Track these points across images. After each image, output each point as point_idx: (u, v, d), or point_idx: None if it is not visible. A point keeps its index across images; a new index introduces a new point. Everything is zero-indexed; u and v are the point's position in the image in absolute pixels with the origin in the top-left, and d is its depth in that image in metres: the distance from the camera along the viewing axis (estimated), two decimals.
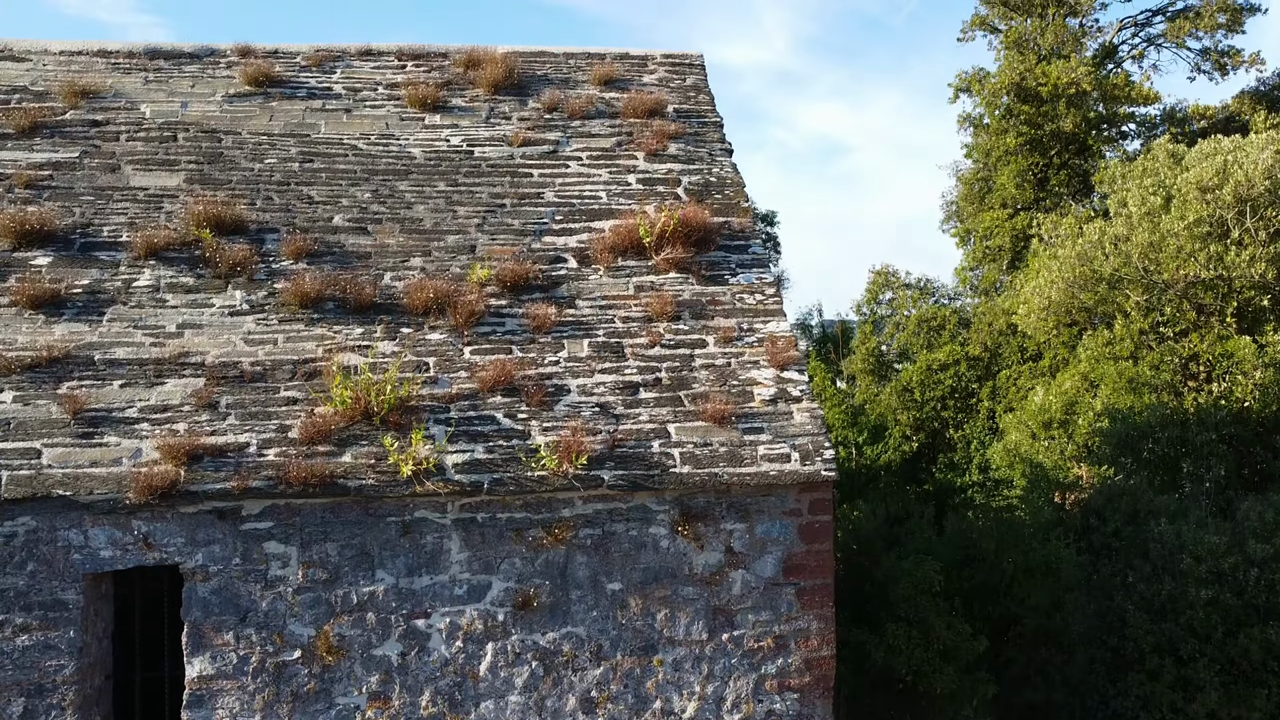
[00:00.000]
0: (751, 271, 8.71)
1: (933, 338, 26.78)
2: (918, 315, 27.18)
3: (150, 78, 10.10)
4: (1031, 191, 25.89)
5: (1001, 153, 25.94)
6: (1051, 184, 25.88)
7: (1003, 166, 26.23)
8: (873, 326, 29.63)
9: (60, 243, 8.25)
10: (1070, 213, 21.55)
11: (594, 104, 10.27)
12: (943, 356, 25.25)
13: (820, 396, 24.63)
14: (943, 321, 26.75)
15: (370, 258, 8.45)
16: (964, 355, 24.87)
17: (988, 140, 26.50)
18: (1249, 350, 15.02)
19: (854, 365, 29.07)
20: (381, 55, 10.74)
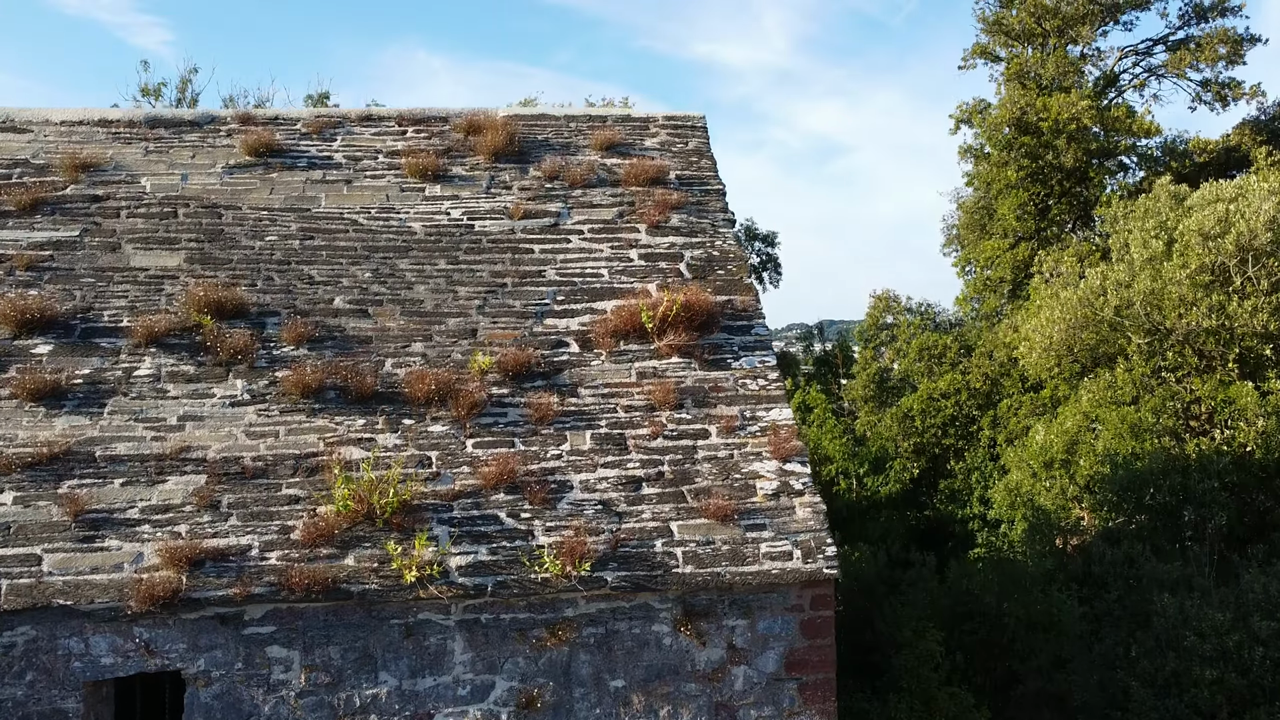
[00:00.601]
0: (754, 355, 8.68)
1: (933, 365, 26.77)
2: (918, 343, 27.16)
3: (151, 148, 10.07)
4: (1032, 222, 25.89)
5: (1002, 186, 25.93)
6: (1053, 213, 25.88)
7: (1003, 199, 26.22)
8: (873, 352, 29.65)
9: (61, 329, 8.22)
10: (1071, 245, 21.53)
11: (595, 171, 10.24)
12: (943, 385, 25.24)
13: (822, 427, 24.62)
14: (943, 350, 26.74)
15: (371, 342, 8.43)
16: (965, 384, 24.87)
17: (989, 170, 26.50)
18: (1251, 398, 15.01)
19: (854, 391, 29.08)
20: (382, 121, 10.71)
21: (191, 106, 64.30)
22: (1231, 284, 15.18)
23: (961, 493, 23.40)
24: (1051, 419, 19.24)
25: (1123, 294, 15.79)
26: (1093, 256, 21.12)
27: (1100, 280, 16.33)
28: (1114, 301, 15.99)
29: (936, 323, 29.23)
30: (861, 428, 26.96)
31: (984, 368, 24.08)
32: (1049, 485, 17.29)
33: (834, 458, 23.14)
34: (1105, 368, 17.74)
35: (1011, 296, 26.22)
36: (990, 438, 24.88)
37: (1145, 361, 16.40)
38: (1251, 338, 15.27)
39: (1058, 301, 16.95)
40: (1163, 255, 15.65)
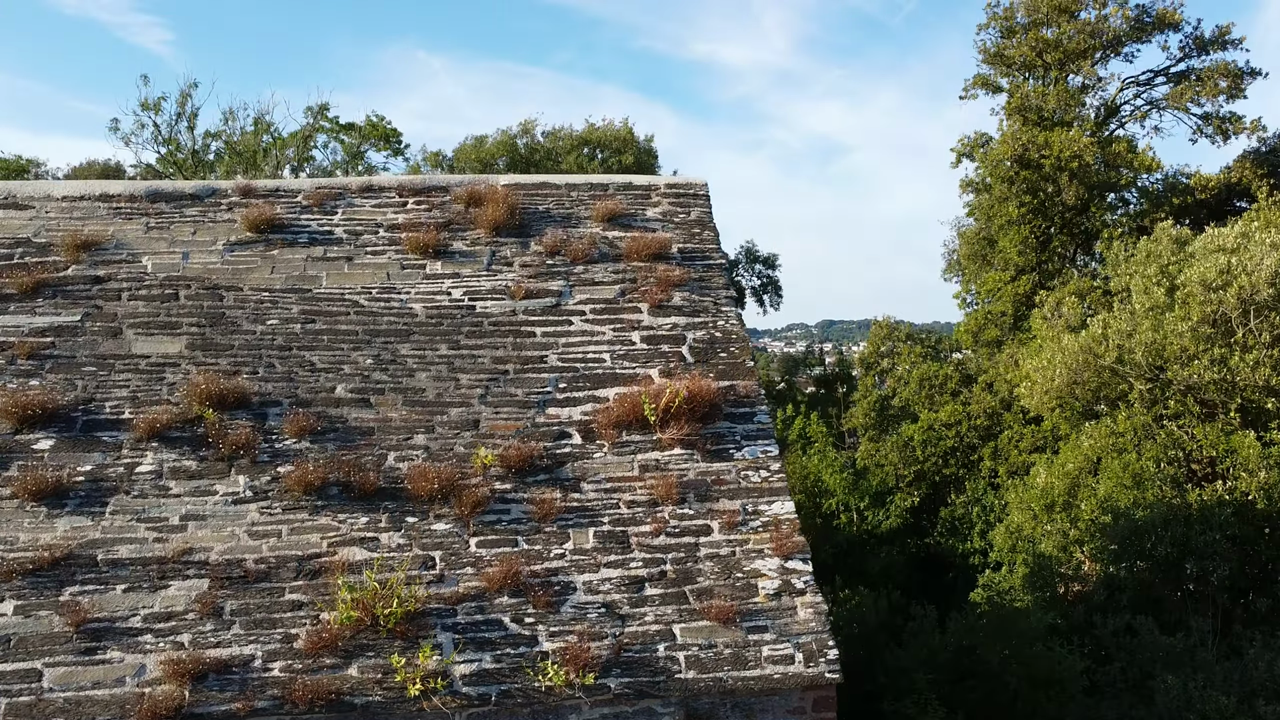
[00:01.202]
0: (756, 444, 8.67)
1: (934, 394, 26.78)
2: (919, 374, 27.17)
3: (152, 223, 10.06)
4: (1033, 255, 25.89)
5: (1004, 221, 25.92)
6: (1054, 245, 25.87)
7: (1004, 233, 26.21)
8: (874, 380, 29.66)
9: (63, 422, 8.21)
10: (1072, 281, 21.52)
11: (597, 245, 10.23)
12: (944, 416, 25.27)
13: (823, 458, 24.62)
14: (944, 380, 26.75)
15: (374, 434, 8.41)
16: (966, 415, 24.88)
17: (990, 200, 26.49)
18: (1254, 449, 15.00)
19: (855, 419, 29.10)
20: (383, 191, 10.69)
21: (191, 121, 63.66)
22: (1233, 335, 15.18)
23: (962, 525, 23.41)
24: (1052, 458, 19.23)
25: (1125, 343, 15.79)
26: (1094, 294, 21.12)
27: (1102, 328, 16.33)
28: (1115, 350, 15.98)
29: (938, 350, 29.22)
30: (862, 459, 26.97)
31: (985, 402, 24.09)
32: (1050, 529, 17.28)
33: (835, 491, 23.15)
34: (1107, 411, 17.74)
35: (1013, 329, 26.22)
36: (991, 468, 24.90)
37: (1147, 409, 16.40)
38: (1253, 390, 15.27)
39: (1059, 346, 16.96)
40: (1164, 305, 15.65)
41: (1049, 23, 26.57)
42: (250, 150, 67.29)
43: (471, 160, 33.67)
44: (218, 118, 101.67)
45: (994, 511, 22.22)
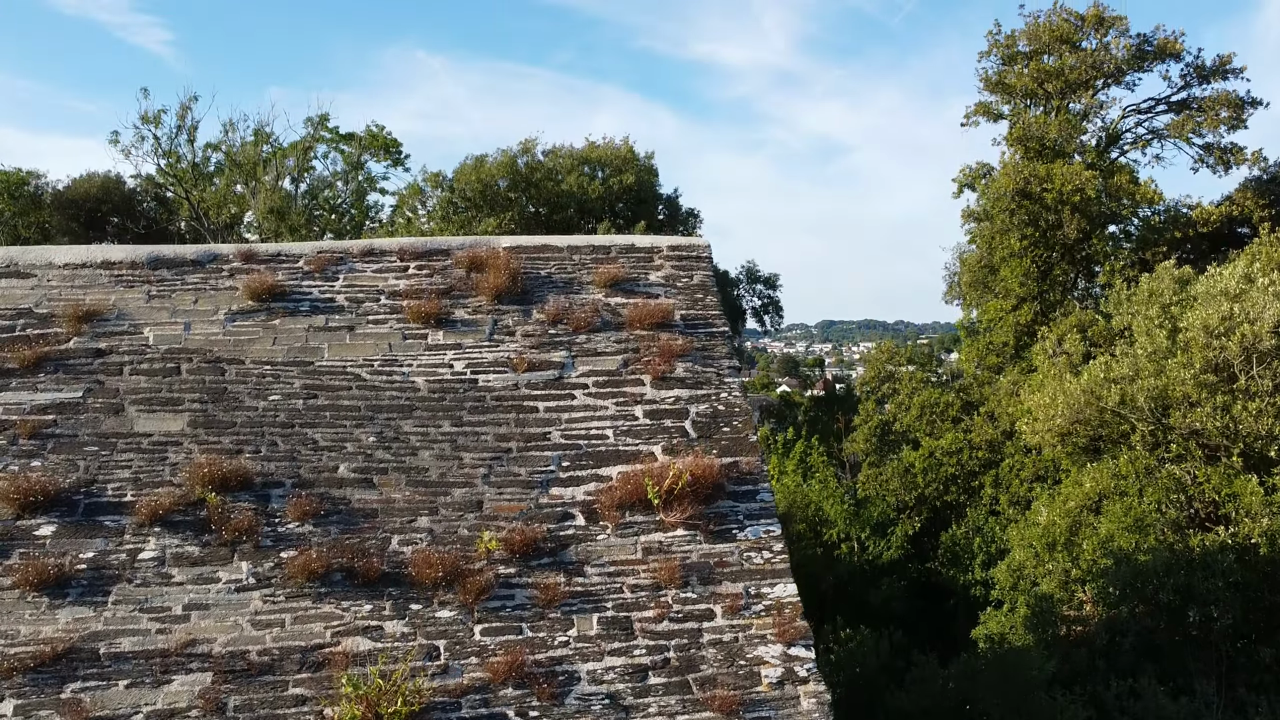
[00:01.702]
0: (759, 524, 8.65)
1: (935, 420, 26.77)
2: (920, 400, 27.15)
3: (153, 292, 10.04)
4: (1035, 285, 25.88)
5: (1005, 253, 25.92)
6: (1055, 273, 25.85)
7: (1006, 265, 26.21)
8: (875, 405, 29.65)
9: (65, 506, 8.18)
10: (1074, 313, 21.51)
11: (599, 313, 10.21)
12: (945, 444, 25.25)
13: (824, 487, 24.61)
14: (945, 407, 26.73)
15: (377, 516, 8.39)
16: (967, 443, 24.87)
17: (991, 229, 26.48)
18: (1256, 495, 14.98)
19: (856, 444, 29.08)
20: (384, 255, 10.67)
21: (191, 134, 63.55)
22: (1236, 382, 15.19)
23: (963, 555, 23.39)
24: (1054, 493, 19.21)
25: (1127, 388, 15.79)
26: (1096, 327, 21.10)
27: (1104, 371, 16.33)
28: (1118, 395, 15.98)
29: (939, 375, 29.21)
30: (863, 486, 26.96)
31: (986, 433, 24.08)
32: (1051, 567, 17.26)
33: (836, 521, 23.12)
34: (1108, 451, 17.73)
35: (1014, 358, 26.20)
36: (992, 495, 24.88)
37: (1149, 450, 16.39)
38: (1256, 438, 15.26)
39: (1062, 388, 16.95)
40: (1166, 350, 15.65)
41: (1050, 51, 26.60)
42: (250, 162, 67.36)
43: (472, 181, 33.64)
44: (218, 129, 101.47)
45: (995, 542, 22.21)
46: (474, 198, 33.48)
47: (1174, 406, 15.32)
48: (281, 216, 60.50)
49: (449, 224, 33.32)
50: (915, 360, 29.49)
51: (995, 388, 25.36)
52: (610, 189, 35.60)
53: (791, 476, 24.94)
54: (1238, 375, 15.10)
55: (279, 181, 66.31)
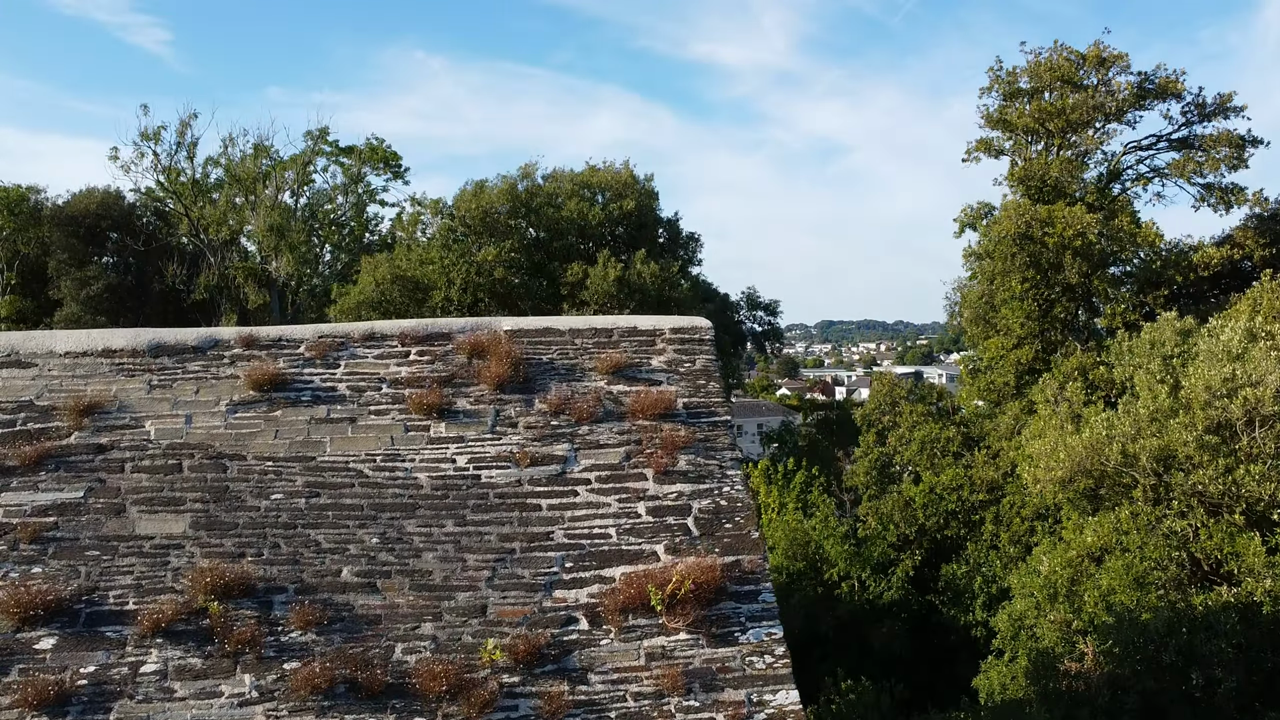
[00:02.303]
0: (762, 625, 8.63)
1: (936, 456, 26.77)
2: (920, 435, 27.15)
3: (154, 381, 10.02)
4: (1036, 325, 25.90)
5: (1006, 295, 25.95)
6: (1056, 310, 25.88)
7: (1007, 306, 26.23)
8: (875, 437, 29.66)
9: (65, 616, 8.16)
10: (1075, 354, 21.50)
11: (602, 402, 10.20)
12: (946, 480, 25.26)
13: (824, 525, 24.59)
14: (946, 443, 26.74)
15: (380, 622, 8.36)
16: (968, 479, 24.87)
17: (992, 267, 26.51)
18: (1259, 556, 14.98)
19: (856, 477, 29.10)
20: (385, 340, 10.65)
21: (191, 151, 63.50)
22: (1238, 442, 15.19)
23: (965, 593, 23.39)
24: (1054, 543, 19.20)
25: (1129, 445, 15.80)
26: (1096, 371, 21.11)
27: (1106, 429, 16.33)
28: (1120, 454, 15.97)
29: (939, 407, 29.22)
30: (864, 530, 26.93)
31: (988, 474, 24.08)
32: (1053, 618, 17.25)
33: (837, 561, 23.11)
34: (1109, 497, 17.72)
35: (1015, 395, 26.22)
36: (993, 532, 24.89)
37: (1151, 505, 16.39)
38: (1259, 503, 15.26)
39: (1063, 441, 16.96)
40: (1169, 409, 15.65)
41: (1052, 89, 26.64)
42: (250, 177, 67.27)
43: (472, 208, 33.64)
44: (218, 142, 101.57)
45: (996, 582, 22.21)
46: (474, 225, 33.51)
47: (1176, 466, 15.34)
48: (281, 234, 60.63)
49: (449, 251, 33.34)
50: (916, 394, 29.49)
51: (996, 423, 25.39)
52: (610, 214, 35.63)
53: (792, 513, 24.94)
54: (1240, 436, 15.12)
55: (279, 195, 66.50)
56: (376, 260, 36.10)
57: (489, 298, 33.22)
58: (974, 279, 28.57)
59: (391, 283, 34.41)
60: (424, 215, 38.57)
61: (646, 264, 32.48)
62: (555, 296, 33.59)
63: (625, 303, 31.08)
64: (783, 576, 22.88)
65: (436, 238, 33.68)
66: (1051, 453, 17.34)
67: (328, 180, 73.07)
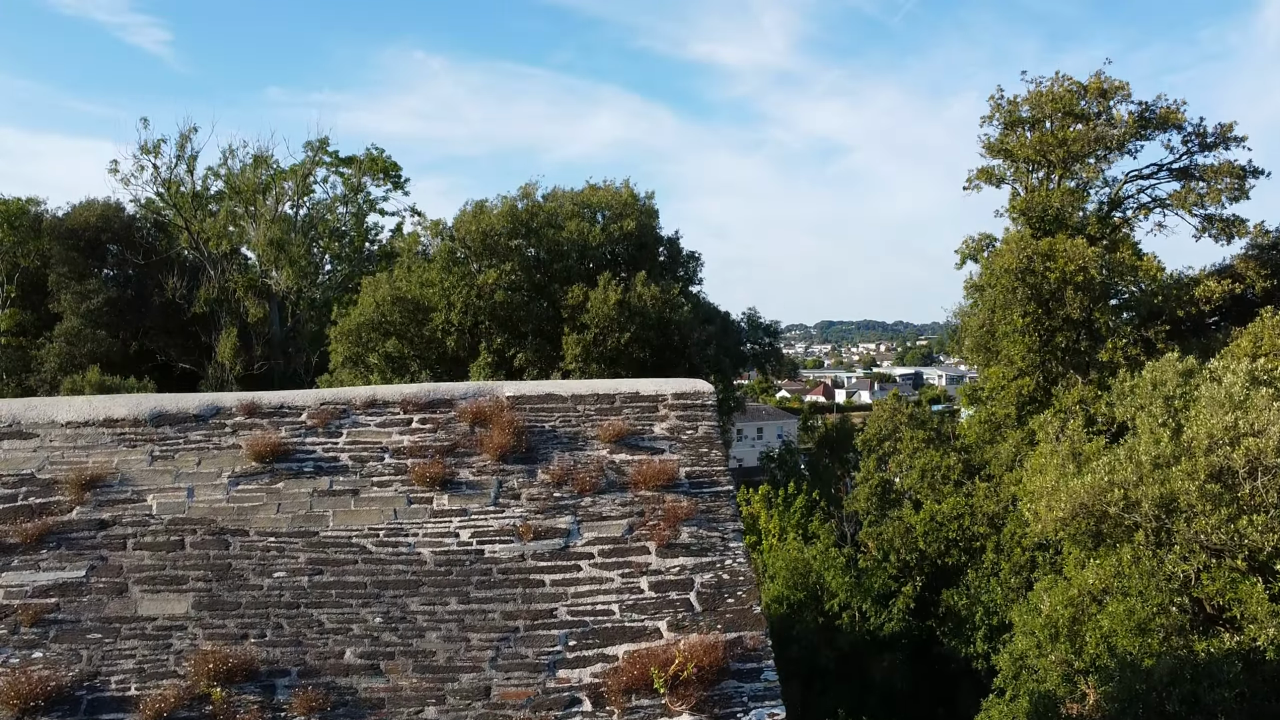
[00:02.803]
0: (764, 705, 8.61)
1: (937, 484, 26.77)
2: (921, 463, 27.15)
3: (156, 452, 10.01)
4: (1037, 358, 25.91)
5: (1008, 328, 25.96)
6: (1058, 339, 25.88)
7: (1008, 340, 26.25)
8: (876, 463, 29.66)
9: (66, 704, 8.13)
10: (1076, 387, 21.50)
11: (604, 472, 10.19)
12: (947, 508, 25.25)
13: (825, 556, 24.57)
14: (947, 471, 26.74)
15: (384, 706, 8.34)
16: (968, 509, 24.87)
17: (994, 297, 26.51)
18: (1262, 605, 14.96)
19: (858, 502, 29.10)
20: (387, 407, 10.65)
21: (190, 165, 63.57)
22: (1240, 490, 15.19)
23: (966, 623, 23.39)
24: (1056, 579, 19.19)
25: (1131, 492, 15.80)
26: (1098, 404, 21.12)
27: (1108, 474, 16.32)
28: (1121, 501, 15.98)
29: (940, 432, 29.21)
30: (864, 559, 26.93)
31: (988, 506, 24.08)
32: (1054, 659, 17.24)
33: (837, 592, 23.10)
34: (1110, 535, 17.71)
35: (1018, 422, 26.22)
36: (994, 561, 24.88)
37: (1152, 550, 16.39)
38: (1262, 552, 15.26)
39: (1064, 484, 16.96)
40: (1170, 456, 15.65)
41: (1052, 119, 26.66)
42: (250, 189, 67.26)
43: (473, 231, 33.64)
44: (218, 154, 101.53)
45: (997, 613, 22.20)
46: (474, 247, 33.51)
47: (1178, 513, 15.33)
48: (281, 248, 60.67)
49: (450, 273, 33.33)
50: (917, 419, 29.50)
51: (997, 450, 25.39)
52: (611, 235, 35.62)
53: (793, 541, 24.93)
54: (1242, 484, 15.13)
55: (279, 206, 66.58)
56: (377, 280, 36.11)
57: (489, 320, 33.20)
58: (975, 308, 28.57)
59: (392, 304, 34.40)
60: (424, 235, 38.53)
61: (647, 286, 32.47)
62: (556, 318, 33.58)
63: (626, 326, 31.07)
64: (783, 607, 22.88)
65: (437, 260, 33.68)
66: (1052, 492, 17.34)
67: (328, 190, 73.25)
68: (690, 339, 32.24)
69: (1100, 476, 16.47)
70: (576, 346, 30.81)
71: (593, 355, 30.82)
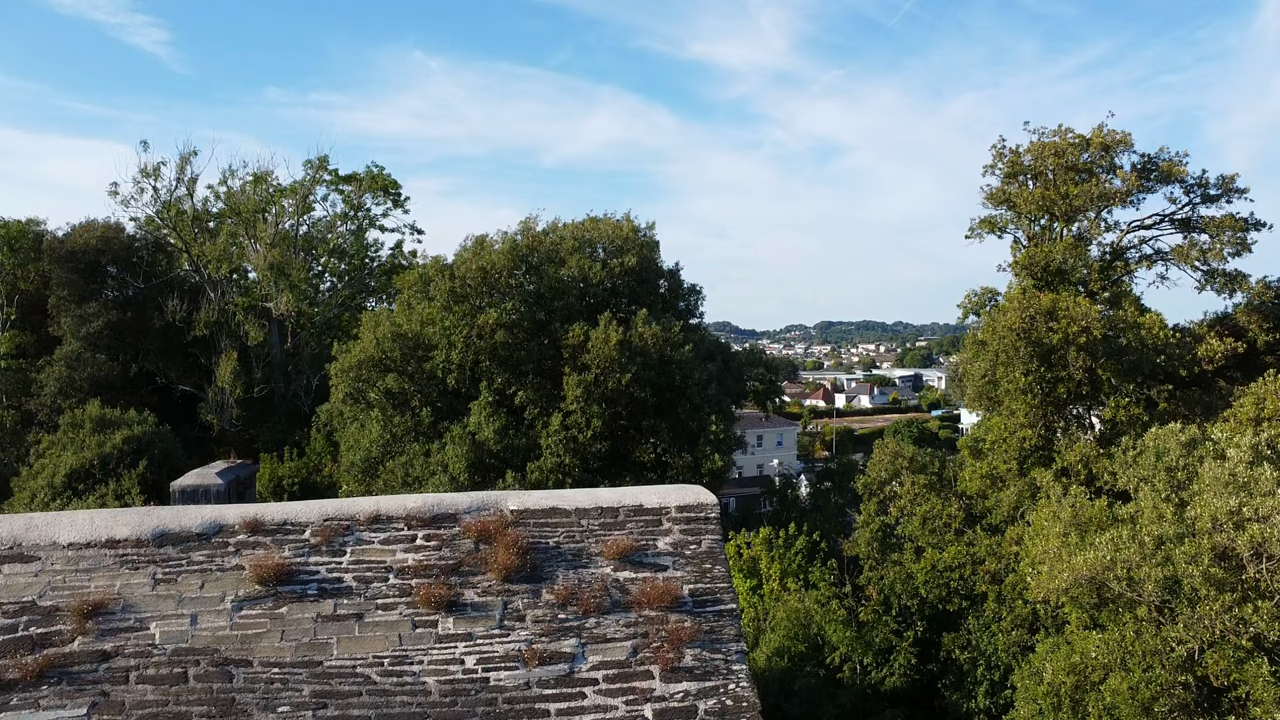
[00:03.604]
0: None
1: (939, 532, 26.73)
2: (922, 511, 27.10)
3: (159, 575, 9.97)
4: (1039, 413, 25.87)
5: (1010, 386, 25.93)
6: (1059, 391, 25.84)
7: (1009, 397, 26.21)
8: (877, 506, 29.61)
9: None
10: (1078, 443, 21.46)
11: (609, 591, 10.16)
12: (949, 558, 25.20)
13: (825, 607, 24.53)
14: (948, 520, 26.69)
15: None
16: (970, 558, 24.81)
17: (997, 350, 26.47)
18: (1269, 691, 14.91)
19: (858, 546, 29.04)
20: (391, 523, 10.61)
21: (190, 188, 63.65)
22: (1244, 573, 15.16)
23: (968, 676, 23.34)
24: (1058, 641, 19.14)
25: (1135, 571, 15.76)
26: (1099, 464, 21.10)
27: (1112, 551, 16.29)
28: (1125, 579, 15.94)
29: (940, 477, 29.16)
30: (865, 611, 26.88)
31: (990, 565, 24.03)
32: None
33: (839, 645, 23.06)
34: (1113, 607, 17.67)
35: (1020, 474, 26.18)
36: (995, 611, 24.83)
37: (1155, 629, 16.35)
38: (1267, 641, 15.22)
39: (1066, 560, 16.93)
40: (1174, 536, 15.62)
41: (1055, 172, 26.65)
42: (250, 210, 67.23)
43: (473, 269, 33.60)
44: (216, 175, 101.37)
45: (998, 667, 22.15)
46: (475, 286, 33.48)
47: (1182, 597, 15.31)
48: (282, 272, 60.66)
49: (450, 313, 33.30)
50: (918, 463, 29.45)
51: (998, 498, 25.37)
52: (612, 270, 35.59)
53: (794, 591, 24.88)
54: (1246, 567, 15.10)
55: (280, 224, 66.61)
56: (378, 316, 36.07)
57: (490, 360, 33.15)
58: (975, 357, 28.53)
59: (392, 341, 34.35)
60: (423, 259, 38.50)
61: (648, 324, 32.43)
62: (556, 358, 33.54)
63: (627, 366, 31.03)
64: (785, 660, 22.83)
65: (437, 299, 33.65)
66: (1055, 559, 17.32)
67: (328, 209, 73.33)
68: (691, 379, 32.20)
69: (1103, 554, 16.44)
70: (578, 387, 30.76)
71: (594, 396, 30.78)
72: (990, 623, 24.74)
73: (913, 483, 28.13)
